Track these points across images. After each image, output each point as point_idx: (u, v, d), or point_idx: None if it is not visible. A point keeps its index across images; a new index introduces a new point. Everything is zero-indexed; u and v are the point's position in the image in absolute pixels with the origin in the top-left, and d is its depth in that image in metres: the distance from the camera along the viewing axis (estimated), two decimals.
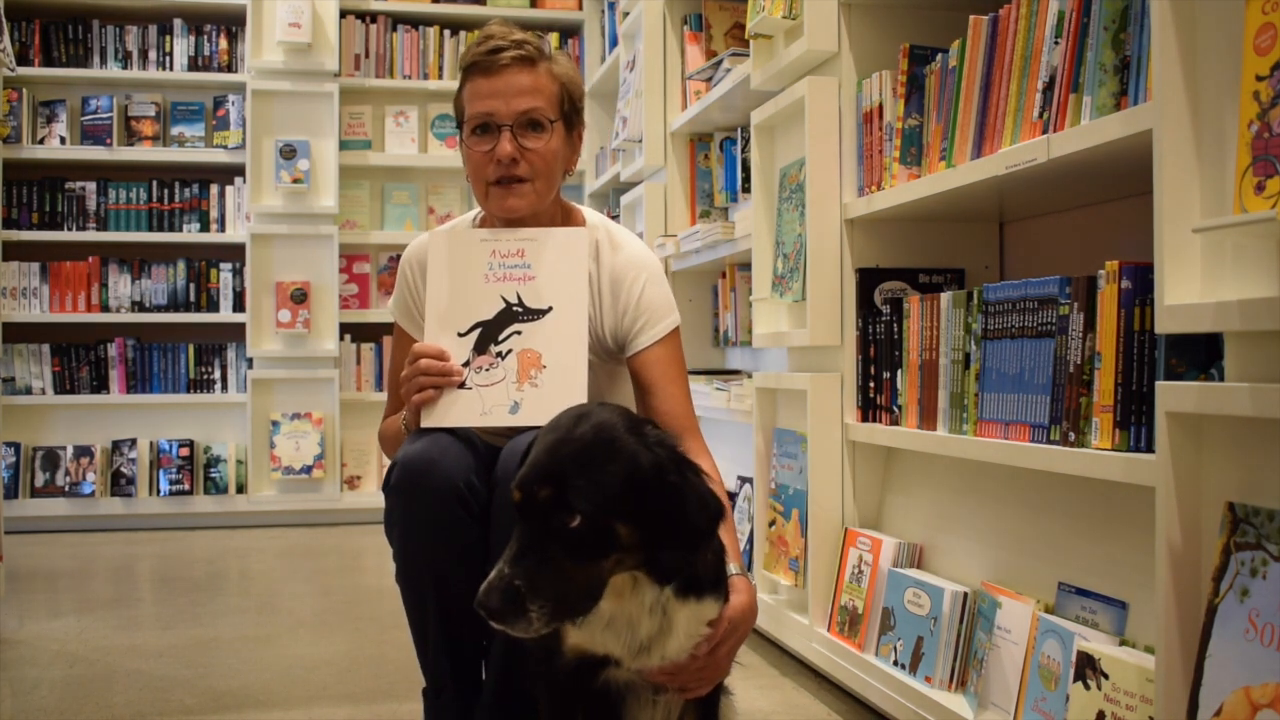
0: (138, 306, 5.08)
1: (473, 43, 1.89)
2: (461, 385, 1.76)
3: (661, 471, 1.34)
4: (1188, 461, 1.36)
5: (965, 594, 2.01)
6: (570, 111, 1.89)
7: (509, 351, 1.77)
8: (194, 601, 3.47)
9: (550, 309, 1.78)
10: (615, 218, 4.04)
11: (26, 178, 5.00)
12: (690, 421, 1.86)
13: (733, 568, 1.59)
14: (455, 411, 1.76)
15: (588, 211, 2.01)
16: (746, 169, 3.12)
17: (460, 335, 1.78)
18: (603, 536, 1.30)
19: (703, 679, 1.52)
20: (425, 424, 1.76)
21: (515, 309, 1.79)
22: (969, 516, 2.14)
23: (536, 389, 1.75)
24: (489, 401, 1.76)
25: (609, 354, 1.92)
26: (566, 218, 1.98)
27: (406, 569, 1.78)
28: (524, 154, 1.82)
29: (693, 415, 1.88)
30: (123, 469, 4.97)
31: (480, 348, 1.78)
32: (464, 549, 1.72)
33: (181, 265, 5.12)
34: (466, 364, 1.77)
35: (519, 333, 1.78)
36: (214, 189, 5.15)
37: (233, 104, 5.15)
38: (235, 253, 5.11)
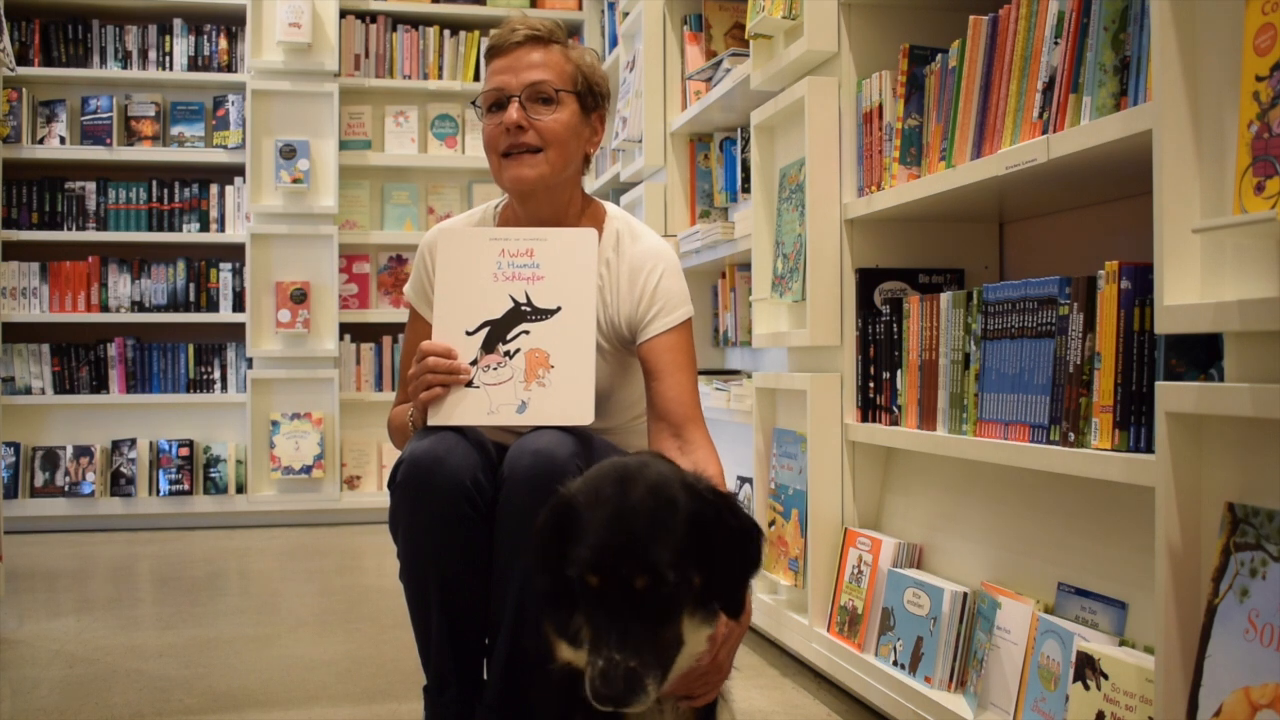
0: (138, 306, 5.08)
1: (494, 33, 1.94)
2: (469, 384, 1.77)
3: (722, 517, 1.36)
4: (1188, 462, 1.35)
5: (965, 594, 2.01)
6: (586, 92, 1.92)
7: (517, 351, 1.78)
8: (194, 601, 3.47)
9: (559, 309, 1.79)
10: None
11: (26, 178, 5.00)
12: (695, 411, 1.86)
13: None
14: (462, 410, 1.76)
15: (609, 205, 2.02)
16: (746, 169, 3.12)
17: (468, 334, 1.79)
18: (683, 593, 1.32)
19: (708, 684, 1.52)
20: (432, 422, 1.76)
21: (524, 308, 1.79)
22: (969, 516, 2.14)
23: (544, 389, 1.76)
24: (496, 400, 1.76)
25: (623, 342, 1.93)
26: (587, 207, 1.99)
27: (411, 566, 1.78)
28: (532, 123, 1.85)
29: (698, 405, 1.88)
30: (122, 469, 4.97)
31: (488, 347, 1.78)
32: (469, 547, 1.72)
33: (181, 265, 5.12)
34: (474, 363, 1.77)
35: (527, 332, 1.78)
36: (214, 189, 5.15)
37: (232, 104, 5.15)
38: (235, 253, 5.11)
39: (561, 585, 1.33)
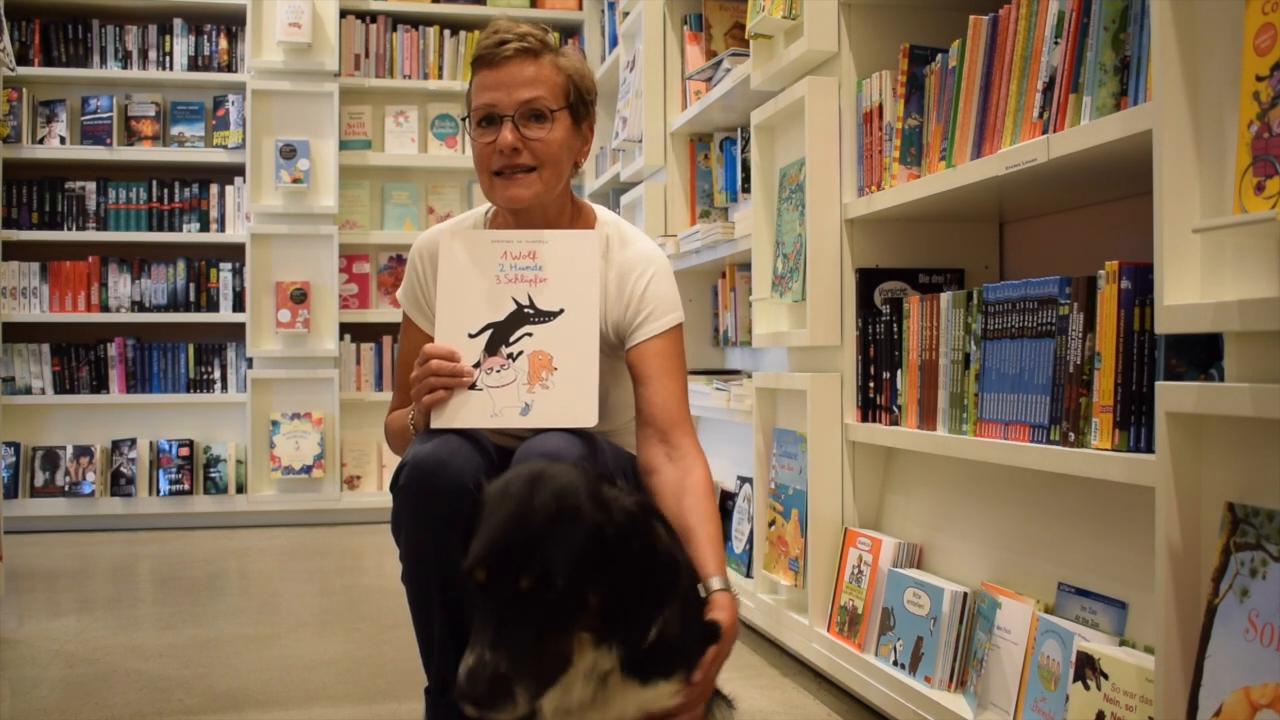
0: (138, 306, 5.08)
1: (481, 37, 1.90)
2: (472, 386, 1.76)
3: (627, 538, 1.30)
4: (1188, 461, 1.36)
5: (965, 594, 2.01)
6: (577, 103, 1.89)
7: (520, 353, 1.77)
8: (194, 601, 3.47)
9: (561, 311, 1.78)
10: None
11: (26, 177, 5.00)
12: (683, 417, 1.84)
13: (715, 583, 1.58)
14: (465, 413, 1.75)
15: (599, 208, 2.00)
16: (746, 169, 3.12)
17: (471, 336, 1.78)
18: (575, 607, 1.26)
19: (699, 700, 1.49)
20: (435, 425, 1.75)
21: (526, 310, 1.79)
22: (969, 516, 2.14)
23: (547, 391, 1.75)
24: (499, 403, 1.75)
25: (613, 348, 1.92)
26: (577, 213, 1.98)
27: (414, 568, 1.78)
28: (526, 143, 1.83)
29: (686, 410, 1.86)
30: (122, 469, 4.97)
31: (491, 349, 1.78)
32: None
33: (181, 265, 5.12)
34: (477, 365, 1.77)
35: (530, 334, 1.78)
36: (214, 189, 5.15)
37: (233, 104, 5.15)
38: (235, 253, 5.11)
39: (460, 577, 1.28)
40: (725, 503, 3.25)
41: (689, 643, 1.46)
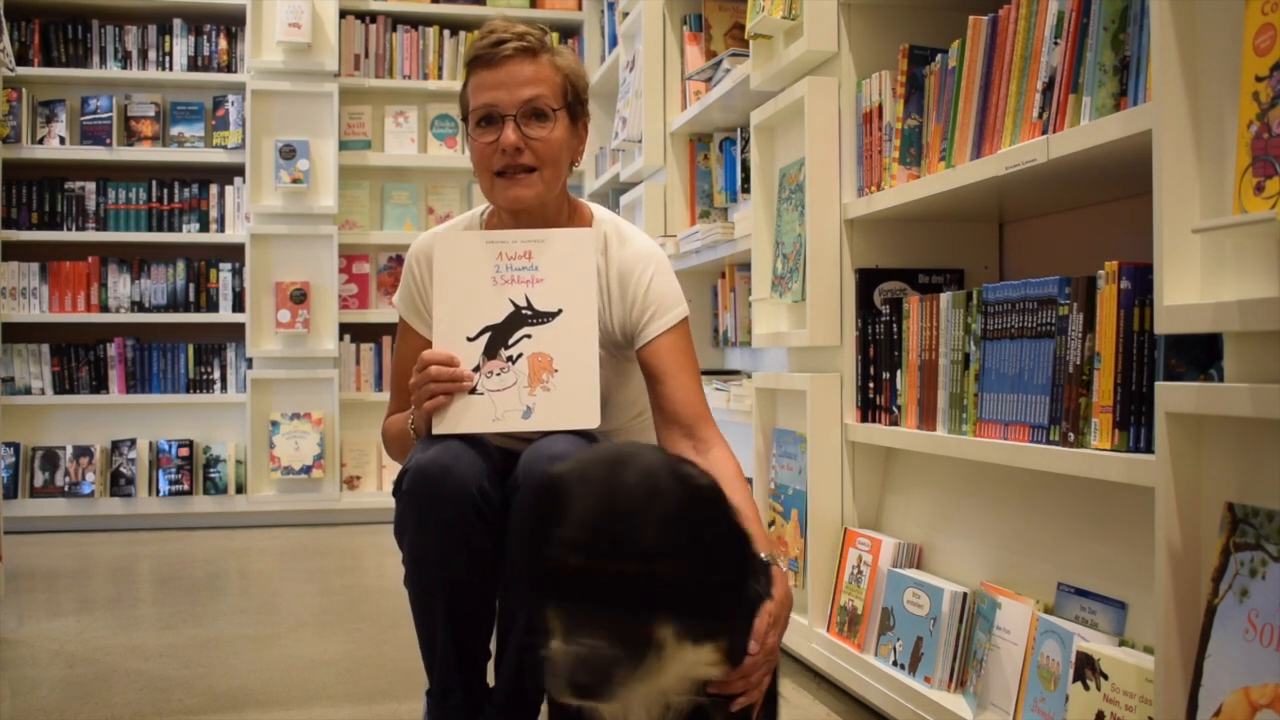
0: (137, 306, 5.08)
1: (476, 38, 1.89)
2: (473, 391, 1.75)
3: (714, 514, 1.30)
4: (1187, 462, 1.36)
5: (965, 594, 2.01)
6: (574, 102, 1.89)
7: (519, 355, 1.76)
8: (194, 601, 3.47)
9: (560, 311, 1.76)
10: None
11: (26, 178, 5.00)
12: (703, 409, 1.85)
13: (765, 558, 1.58)
14: (467, 418, 1.74)
15: (595, 207, 2.00)
16: (746, 169, 3.12)
17: (469, 340, 1.77)
18: (668, 588, 1.23)
19: (762, 671, 1.46)
20: (437, 430, 1.74)
21: (524, 312, 1.77)
22: (969, 516, 2.14)
23: (549, 393, 1.74)
24: (501, 407, 1.74)
25: (618, 348, 1.92)
26: (573, 212, 1.97)
27: (417, 574, 1.77)
28: (528, 143, 1.82)
29: (705, 403, 1.86)
30: (122, 469, 4.96)
31: (490, 352, 1.76)
32: (477, 554, 1.71)
33: (181, 265, 5.12)
34: (477, 369, 1.76)
35: (529, 336, 1.76)
36: (214, 189, 5.15)
37: (232, 104, 5.15)
38: (235, 253, 5.11)
39: (542, 569, 1.25)
40: None
41: (746, 613, 1.43)
